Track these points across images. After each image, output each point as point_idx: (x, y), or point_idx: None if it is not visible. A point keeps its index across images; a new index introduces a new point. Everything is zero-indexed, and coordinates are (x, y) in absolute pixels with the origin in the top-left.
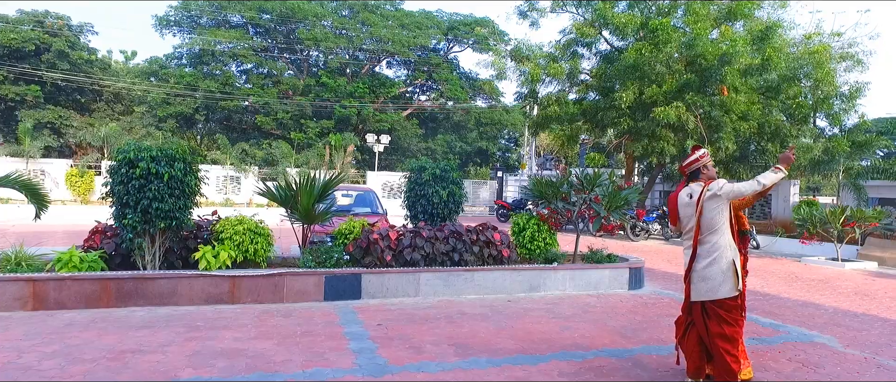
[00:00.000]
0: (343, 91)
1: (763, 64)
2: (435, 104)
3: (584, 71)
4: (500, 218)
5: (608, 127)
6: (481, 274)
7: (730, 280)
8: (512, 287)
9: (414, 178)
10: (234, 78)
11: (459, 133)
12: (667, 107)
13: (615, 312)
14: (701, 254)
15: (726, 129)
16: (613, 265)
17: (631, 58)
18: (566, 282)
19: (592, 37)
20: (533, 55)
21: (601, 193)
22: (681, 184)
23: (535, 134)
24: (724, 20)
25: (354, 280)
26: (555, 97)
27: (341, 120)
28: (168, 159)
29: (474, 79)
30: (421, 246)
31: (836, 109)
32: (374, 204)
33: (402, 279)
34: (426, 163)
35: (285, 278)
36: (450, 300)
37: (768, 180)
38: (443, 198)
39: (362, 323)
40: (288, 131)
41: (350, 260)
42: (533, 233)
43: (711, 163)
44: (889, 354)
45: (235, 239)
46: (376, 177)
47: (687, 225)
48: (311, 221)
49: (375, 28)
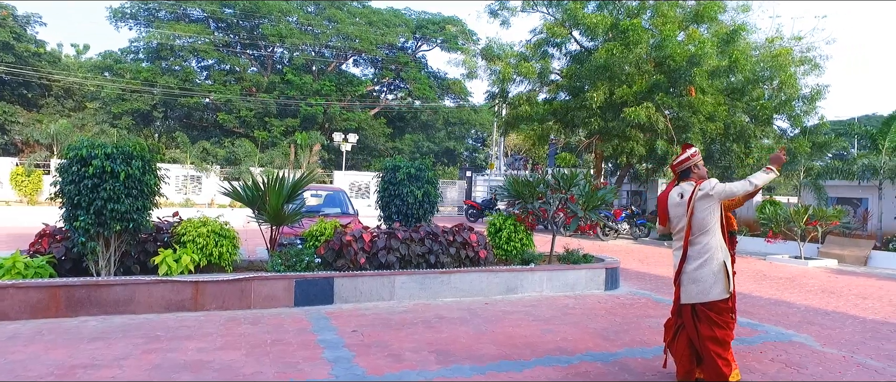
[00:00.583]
0: (309, 89)
1: (730, 66)
2: (403, 103)
3: (554, 71)
4: (469, 218)
5: (579, 127)
6: (458, 275)
7: (721, 282)
8: (489, 289)
9: (388, 178)
10: (195, 74)
11: (427, 132)
12: (637, 107)
13: (594, 314)
14: (692, 256)
15: (694, 130)
16: (590, 265)
17: (601, 58)
18: (543, 283)
19: (563, 37)
20: (504, 54)
21: (577, 193)
22: (671, 184)
23: (506, 133)
24: (690, 22)
25: (326, 284)
26: (525, 96)
27: (307, 118)
28: (125, 157)
29: (443, 79)
30: (396, 248)
31: (797, 111)
32: (344, 204)
33: (376, 282)
34: (400, 161)
35: (253, 283)
36: (426, 303)
37: (760, 181)
38: (418, 198)
39: (336, 330)
40: (251, 129)
41: (321, 264)
42: (509, 234)
43: (702, 161)
44: (865, 352)
45: (199, 242)
46: (344, 176)
47: (677, 225)
48: (280, 222)
49: (342, 25)
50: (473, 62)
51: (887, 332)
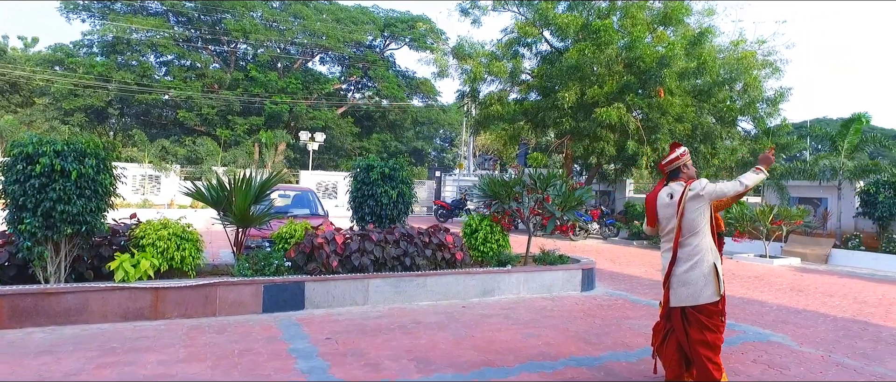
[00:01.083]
0: (274, 86)
1: (699, 67)
2: (370, 102)
3: (525, 71)
4: (439, 218)
5: (550, 127)
6: (434, 278)
7: (711, 284)
8: (466, 291)
9: (361, 177)
10: (153, 69)
11: (395, 132)
12: (609, 108)
13: (573, 316)
14: (681, 258)
15: (663, 130)
16: (566, 266)
17: (573, 58)
18: (520, 285)
19: (535, 36)
20: (475, 53)
21: (554, 194)
22: (659, 184)
23: (477, 133)
24: (658, 25)
25: (297, 288)
26: (497, 96)
27: (272, 116)
28: (77, 154)
29: (411, 78)
30: (370, 251)
31: (761, 113)
32: (314, 205)
33: (349, 286)
34: (374, 161)
35: (218, 288)
36: (401, 307)
37: (750, 181)
38: (392, 199)
39: (309, 338)
40: (213, 127)
41: (291, 267)
42: (486, 235)
43: (691, 161)
44: (842, 351)
45: (159, 246)
46: (310, 176)
47: (667, 226)
48: (247, 224)
49: (309, 21)
50: (445, 60)
51: (858, 330)
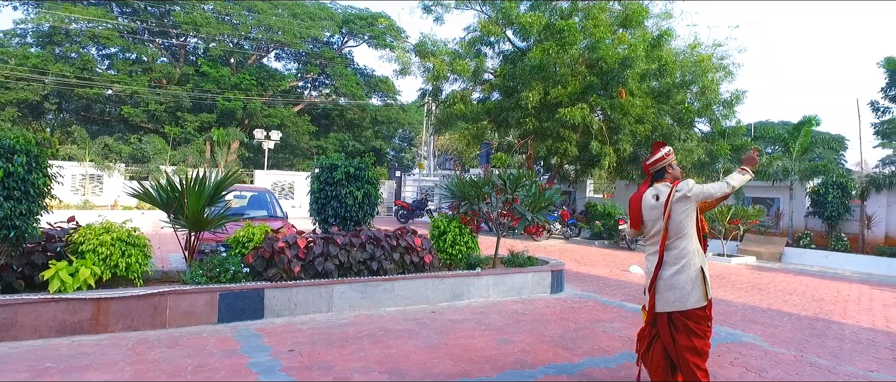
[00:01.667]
0: (227, 82)
1: (660, 69)
2: (328, 100)
3: (488, 70)
4: (400, 219)
5: (513, 127)
6: (402, 283)
7: (699, 288)
8: (435, 296)
9: (324, 177)
10: (95, 62)
11: (353, 131)
12: (572, 108)
13: (546, 320)
14: (668, 261)
15: (625, 131)
16: (536, 268)
17: (537, 58)
18: (490, 288)
19: (498, 35)
20: (438, 51)
21: (524, 194)
22: (643, 185)
23: (439, 132)
24: (618, 27)
25: (256, 296)
26: (459, 95)
27: (225, 113)
28: (4, 151)
29: (370, 76)
30: (335, 255)
31: (717, 115)
32: (272, 206)
33: (312, 293)
34: (338, 159)
35: (168, 297)
36: (368, 314)
37: (737, 182)
38: (358, 200)
39: (270, 350)
40: (161, 124)
41: (250, 273)
42: (454, 237)
43: (676, 161)
44: (812, 351)
45: (101, 252)
46: (266, 176)
47: (652, 229)
48: (200, 228)
49: (263, 15)
50: (407, 58)
51: (822, 329)
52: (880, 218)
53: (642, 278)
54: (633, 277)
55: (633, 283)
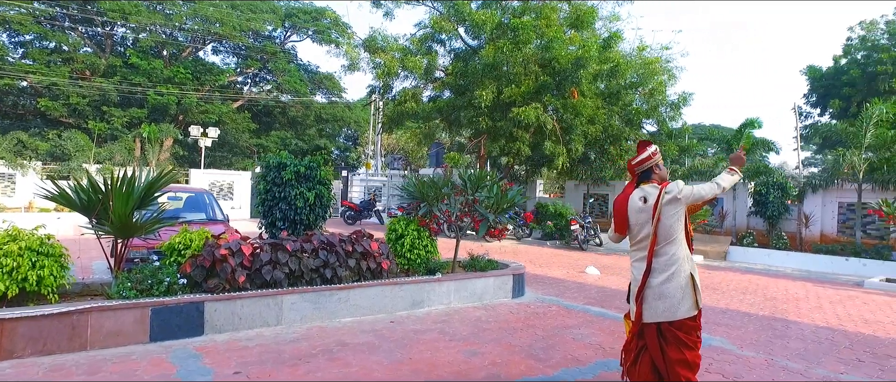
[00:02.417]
0: (159, 75)
1: (612, 70)
2: (270, 97)
3: (440, 68)
4: (347, 220)
5: (465, 126)
6: (358, 291)
7: (689, 297)
8: (393, 304)
9: (271, 177)
10: (6, 50)
11: (296, 129)
12: (527, 107)
13: (512, 327)
14: (657, 268)
15: (577, 131)
16: (498, 272)
17: (490, 56)
18: (451, 295)
19: (450, 32)
20: (388, 46)
21: (485, 195)
22: (629, 186)
23: (389, 131)
24: (569, 27)
25: (194, 310)
26: (411, 92)
27: (157, 109)
28: None
29: (314, 72)
30: (284, 263)
31: (664, 116)
32: (211, 208)
33: (260, 304)
34: (286, 157)
35: (90, 315)
36: (322, 326)
37: (727, 183)
38: (309, 202)
39: (212, 373)
40: (85, 120)
41: (187, 285)
42: (413, 241)
43: (662, 160)
44: (780, 353)
45: (5, 264)
46: (202, 175)
47: (639, 233)
48: (129, 234)
49: (200, 6)
50: (356, 53)
51: (782, 329)
52: (816, 217)
53: (599, 279)
54: (591, 279)
55: (592, 286)
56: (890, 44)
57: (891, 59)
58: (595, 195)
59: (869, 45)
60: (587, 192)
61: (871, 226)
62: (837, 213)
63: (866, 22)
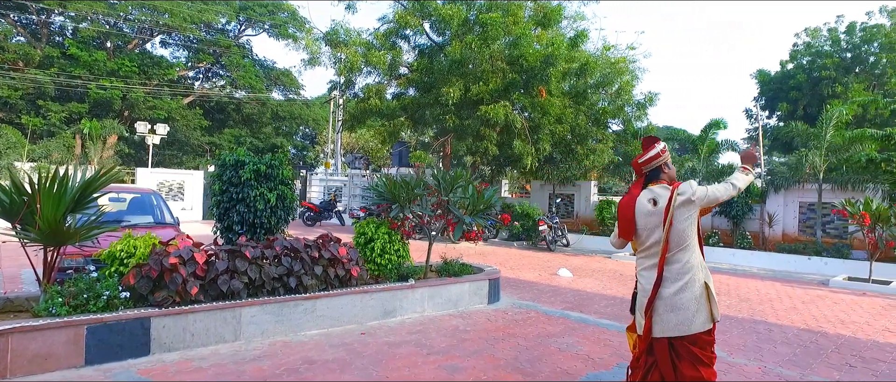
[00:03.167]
0: (101, 68)
1: (581, 68)
2: (223, 93)
3: (404, 64)
4: (306, 221)
5: (431, 124)
6: (326, 301)
7: (704, 308)
8: (363, 314)
9: (227, 177)
10: None
11: (251, 127)
12: (495, 105)
13: (493, 337)
14: (668, 277)
15: (545, 131)
16: (473, 277)
17: (457, 52)
18: (425, 302)
19: (415, 27)
20: (351, 41)
21: (460, 196)
22: (635, 187)
23: (351, 129)
24: (536, 26)
25: (139, 328)
26: (375, 88)
27: (100, 103)
28: None
29: (271, 68)
30: (243, 271)
31: (630, 116)
32: (159, 211)
33: (215, 319)
34: (244, 154)
35: (11, 337)
36: (286, 341)
37: (742, 183)
38: (270, 203)
39: None
40: (17, 114)
41: (130, 298)
42: (383, 245)
43: (671, 158)
44: (771, 360)
45: None
46: (150, 175)
47: (649, 239)
48: (60, 241)
49: None
50: (317, 47)
51: (765, 332)
52: (778, 217)
53: (572, 282)
54: (564, 281)
55: (567, 289)
56: (832, 50)
57: (834, 64)
58: (561, 195)
59: (813, 51)
60: (553, 192)
61: (830, 225)
62: (798, 213)
63: (811, 29)
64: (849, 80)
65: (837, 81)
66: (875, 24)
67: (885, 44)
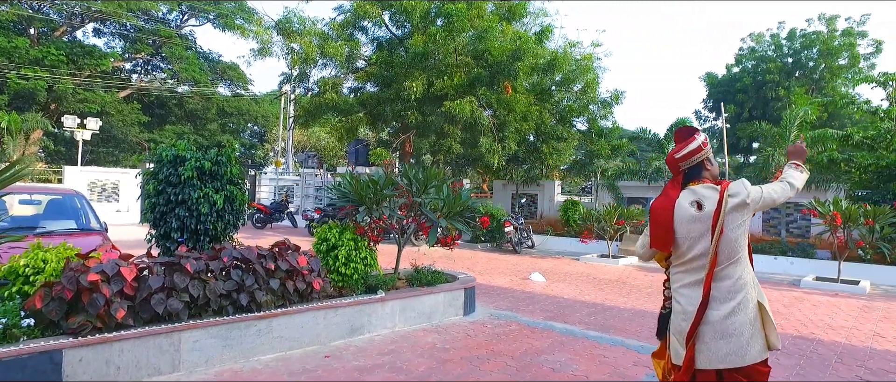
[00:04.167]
0: (23, 56)
1: (549, 64)
2: (164, 87)
3: (363, 57)
4: (256, 224)
5: (392, 120)
6: (284, 319)
7: (760, 334)
8: (327, 332)
9: (164, 175)
10: None
11: (195, 123)
12: (462, 100)
13: (476, 356)
14: (717, 297)
15: (510, 128)
16: (448, 287)
17: (419, 44)
18: (395, 316)
19: (375, 18)
20: (305, 30)
21: (434, 197)
22: (670, 187)
23: (305, 125)
24: (501, 20)
25: (47, 363)
26: (331, 82)
27: (21, 95)
28: None
29: (217, 61)
30: (183, 288)
31: (595, 115)
32: (83, 215)
33: (147, 347)
34: (184, 148)
35: None
36: (235, 369)
37: (799, 182)
38: (217, 206)
39: None
40: None
41: (37, 326)
42: (349, 253)
43: (713, 153)
44: (781, 373)
45: None
46: (80, 173)
47: (692, 250)
48: None
49: None
50: (268, 36)
51: None
52: None
53: (547, 287)
54: (538, 287)
55: (543, 295)
56: (775, 55)
57: (777, 69)
58: (525, 195)
59: (758, 56)
60: (516, 192)
61: (793, 224)
62: (762, 213)
63: (755, 34)
64: (791, 84)
65: (780, 85)
66: (814, 30)
67: (823, 50)
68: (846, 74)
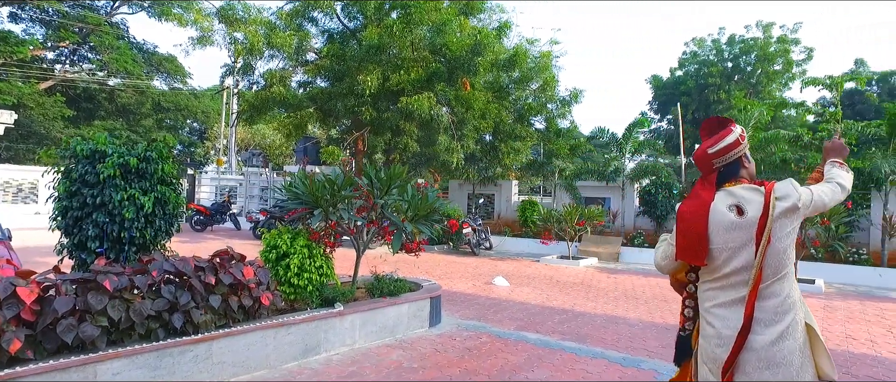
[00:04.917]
0: None
1: (510, 59)
2: (92, 79)
3: (313, 49)
4: (195, 226)
5: (344, 117)
6: (225, 342)
7: (810, 362)
8: (278, 354)
9: (79, 173)
10: None
11: (128, 119)
12: (419, 96)
13: (448, 376)
14: (762, 319)
15: (469, 126)
16: (413, 297)
17: (374, 36)
18: (355, 331)
19: (326, 8)
20: (250, 19)
21: (398, 198)
22: (702, 188)
23: (250, 121)
24: (459, 15)
25: None
26: (278, 75)
27: None
28: None
29: (152, 52)
30: (101, 310)
31: (553, 114)
32: None
33: None
34: (104, 142)
35: None
36: None
37: (848, 182)
38: (145, 210)
39: None
40: None
41: None
42: (302, 262)
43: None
44: None
45: None
46: None
47: (731, 262)
48: None
49: None
50: (209, 23)
51: None
52: None
53: (512, 293)
54: (503, 292)
55: (509, 301)
56: (716, 60)
57: (718, 72)
58: (482, 195)
59: (700, 60)
60: (473, 192)
61: None
62: None
63: (697, 39)
64: (731, 87)
65: (721, 88)
66: (752, 37)
67: (760, 55)
68: (781, 79)
